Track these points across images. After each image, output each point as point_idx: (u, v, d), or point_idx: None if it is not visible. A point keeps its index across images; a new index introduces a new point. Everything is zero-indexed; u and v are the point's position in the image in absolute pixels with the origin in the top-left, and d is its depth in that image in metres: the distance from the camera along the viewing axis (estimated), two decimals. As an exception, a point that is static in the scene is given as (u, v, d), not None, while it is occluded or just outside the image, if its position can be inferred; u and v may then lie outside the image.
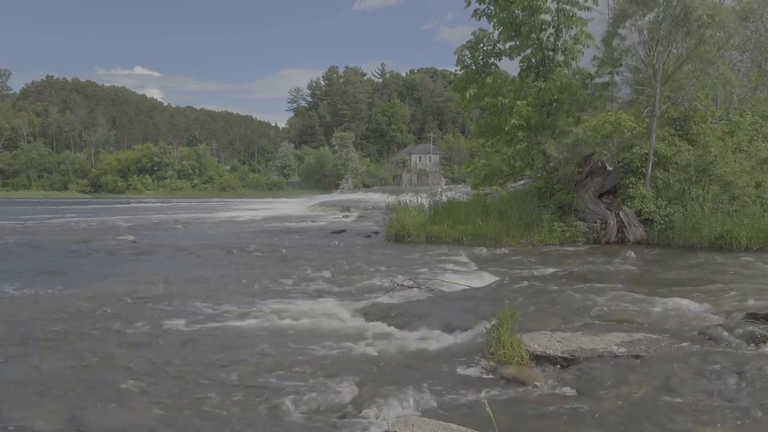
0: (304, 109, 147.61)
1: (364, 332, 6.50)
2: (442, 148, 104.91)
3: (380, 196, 41.94)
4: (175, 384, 4.85)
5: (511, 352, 5.06)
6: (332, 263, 12.06)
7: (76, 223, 27.23)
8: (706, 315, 6.56)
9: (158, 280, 9.96)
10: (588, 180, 15.94)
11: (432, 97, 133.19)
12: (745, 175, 14.67)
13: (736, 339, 5.35)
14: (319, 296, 8.57)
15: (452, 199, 18.76)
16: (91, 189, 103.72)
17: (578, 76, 17.45)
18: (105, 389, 4.74)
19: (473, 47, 17.82)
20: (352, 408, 4.31)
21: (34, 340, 6.25)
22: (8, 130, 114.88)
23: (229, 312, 7.51)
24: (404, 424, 3.54)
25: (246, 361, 5.50)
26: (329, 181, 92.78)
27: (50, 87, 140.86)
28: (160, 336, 6.41)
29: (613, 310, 6.88)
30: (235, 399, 4.53)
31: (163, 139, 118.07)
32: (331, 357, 5.57)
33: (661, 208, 14.71)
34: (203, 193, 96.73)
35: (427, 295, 8.48)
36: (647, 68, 16.06)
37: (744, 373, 4.42)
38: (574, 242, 14.92)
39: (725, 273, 9.82)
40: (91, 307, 7.82)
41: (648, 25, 15.18)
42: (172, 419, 4.18)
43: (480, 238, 15.26)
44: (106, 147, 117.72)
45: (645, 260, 11.90)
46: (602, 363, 4.93)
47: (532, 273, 10.46)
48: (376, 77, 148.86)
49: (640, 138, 15.79)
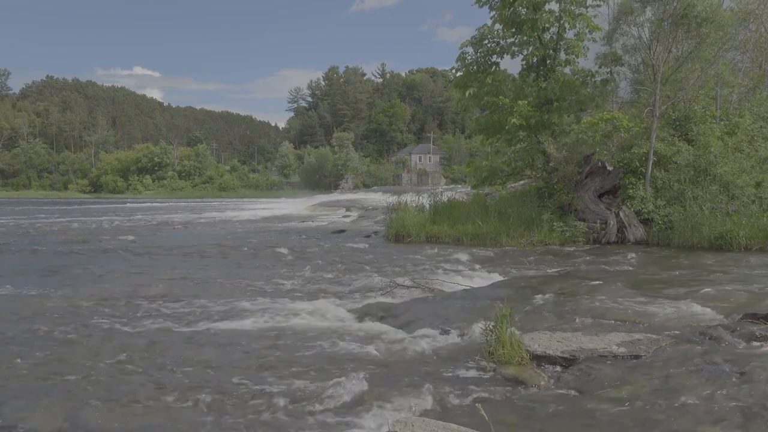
0: (304, 109, 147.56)
1: (363, 332, 6.49)
2: (442, 148, 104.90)
3: (380, 196, 41.96)
4: (176, 383, 4.85)
5: (511, 352, 5.06)
6: (332, 263, 12.07)
7: (75, 223, 27.22)
8: (706, 315, 6.55)
9: (158, 280, 9.96)
10: (588, 180, 15.93)
11: (432, 97, 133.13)
12: (744, 175, 14.67)
13: (736, 339, 5.35)
14: (319, 296, 8.57)
15: (452, 199, 18.76)
16: (91, 189, 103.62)
17: (578, 76, 17.46)
18: (105, 389, 4.74)
19: (477, 43, 17.84)
20: (351, 408, 4.31)
21: (34, 340, 6.25)
22: (8, 130, 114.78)
23: (229, 312, 7.51)
24: (404, 424, 3.54)
25: (245, 360, 5.50)
26: (329, 181, 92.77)
27: (50, 87, 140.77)
28: (160, 336, 6.41)
29: (613, 310, 6.87)
30: (235, 399, 4.53)
31: (163, 139, 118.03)
32: (331, 357, 5.57)
33: (661, 208, 14.71)
34: (203, 193, 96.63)
35: (426, 295, 8.48)
36: (647, 68, 16.07)
37: (744, 373, 4.42)
38: (574, 242, 14.92)
39: (725, 273, 9.81)
40: (92, 307, 7.82)
41: (649, 23, 15.19)
42: (173, 419, 4.18)
43: (480, 238, 15.26)
44: (106, 147, 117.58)
45: (645, 260, 11.89)
46: (602, 363, 4.93)
47: (532, 273, 10.46)
48: (376, 77, 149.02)
49: (639, 138, 15.79)
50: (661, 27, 14.91)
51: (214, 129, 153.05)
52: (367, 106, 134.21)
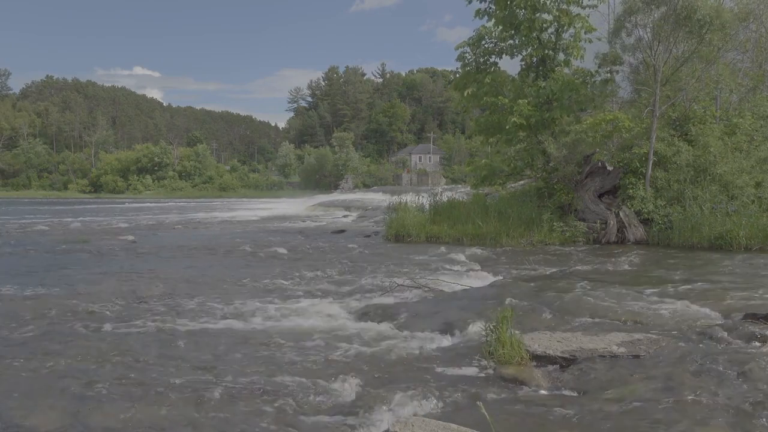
0: (304, 109, 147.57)
1: (363, 332, 6.49)
2: (442, 148, 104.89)
3: (380, 196, 41.95)
4: (175, 383, 4.85)
5: (511, 352, 5.06)
6: (332, 263, 12.06)
7: (75, 223, 27.22)
8: (706, 315, 6.55)
9: (158, 280, 9.96)
10: (588, 180, 15.94)
11: (432, 97, 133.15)
12: (744, 175, 14.66)
13: (736, 339, 5.35)
14: (319, 296, 8.57)
15: (452, 199, 18.77)
16: (91, 189, 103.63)
17: (577, 75, 17.45)
18: (105, 389, 4.73)
19: (475, 44, 17.82)
20: (351, 408, 4.31)
21: (34, 340, 6.25)
22: (8, 130, 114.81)
23: (228, 312, 7.51)
24: (404, 424, 3.53)
25: (245, 360, 5.50)
26: (329, 181, 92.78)
27: (50, 87, 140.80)
28: (160, 335, 6.41)
29: (613, 310, 6.87)
30: (235, 398, 4.53)
31: (163, 139, 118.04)
32: (331, 357, 5.57)
33: (661, 208, 14.71)
34: (203, 193, 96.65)
35: (426, 295, 8.47)
36: (648, 68, 16.07)
37: (744, 373, 4.42)
38: (574, 242, 14.92)
39: (725, 273, 9.81)
40: (92, 307, 7.82)
41: (651, 23, 15.17)
42: (173, 419, 4.18)
43: (480, 238, 15.27)
44: (106, 147, 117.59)
45: (645, 260, 11.89)
46: (602, 363, 4.93)
47: (532, 273, 10.46)
48: (376, 77, 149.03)
49: (639, 138, 15.79)
50: (662, 27, 14.89)
51: (214, 129, 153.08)
52: (367, 106, 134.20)
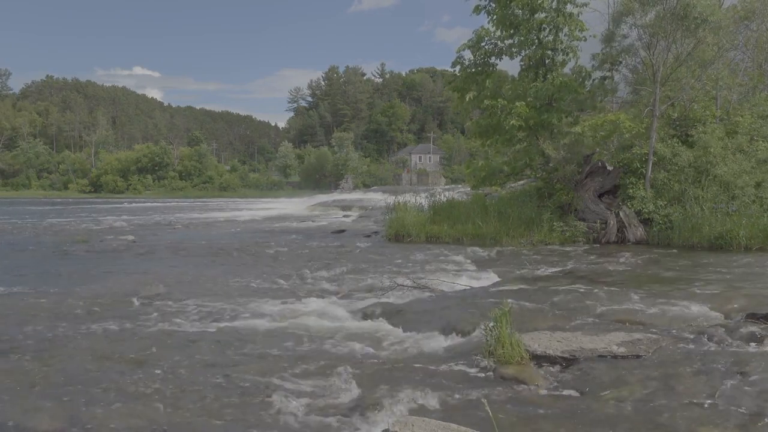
0: (304, 109, 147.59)
1: (363, 332, 6.49)
2: (442, 148, 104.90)
3: (380, 196, 41.87)
4: (176, 383, 4.85)
5: (511, 352, 5.06)
6: (332, 263, 12.06)
7: (75, 223, 27.21)
8: (706, 315, 6.55)
9: (158, 280, 9.95)
10: (588, 180, 15.93)
11: (432, 97, 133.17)
12: (744, 175, 14.66)
13: (736, 339, 5.35)
14: (319, 296, 8.57)
15: (452, 199, 18.75)
16: (91, 189, 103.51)
17: (575, 75, 17.43)
18: (106, 389, 4.74)
19: (475, 46, 17.79)
20: (351, 408, 4.31)
21: (34, 340, 6.25)
22: (8, 130, 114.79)
23: (228, 312, 7.51)
24: (404, 424, 3.54)
25: (245, 360, 5.50)
26: (329, 181, 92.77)
27: (50, 87, 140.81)
28: (160, 336, 6.41)
29: (613, 310, 6.87)
30: (236, 398, 4.53)
31: (164, 139, 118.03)
32: (331, 357, 5.57)
33: (661, 208, 14.70)
34: (203, 193, 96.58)
35: (427, 295, 8.47)
36: (647, 68, 16.06)
37: (744, 373, 4.42)
38: (574, 242, 14.91)
39: (725, 273, 9.80)
40: (92, 307, 7.82)
41: (649, 23, 15.16)
42: (173, 419, 4.18)
43: (480, 238, 15.26)
44: (106, 147, 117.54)
45: (645, 260, 11.89)
46: (602, 363, 4.93)
47: (532, 273, 10.46)
48: (376, 77, 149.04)
49: (639, 138, 15.78)
50: (660, 27, 14.89)
51: (214, 129, 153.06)
52: (367, 106, 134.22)
